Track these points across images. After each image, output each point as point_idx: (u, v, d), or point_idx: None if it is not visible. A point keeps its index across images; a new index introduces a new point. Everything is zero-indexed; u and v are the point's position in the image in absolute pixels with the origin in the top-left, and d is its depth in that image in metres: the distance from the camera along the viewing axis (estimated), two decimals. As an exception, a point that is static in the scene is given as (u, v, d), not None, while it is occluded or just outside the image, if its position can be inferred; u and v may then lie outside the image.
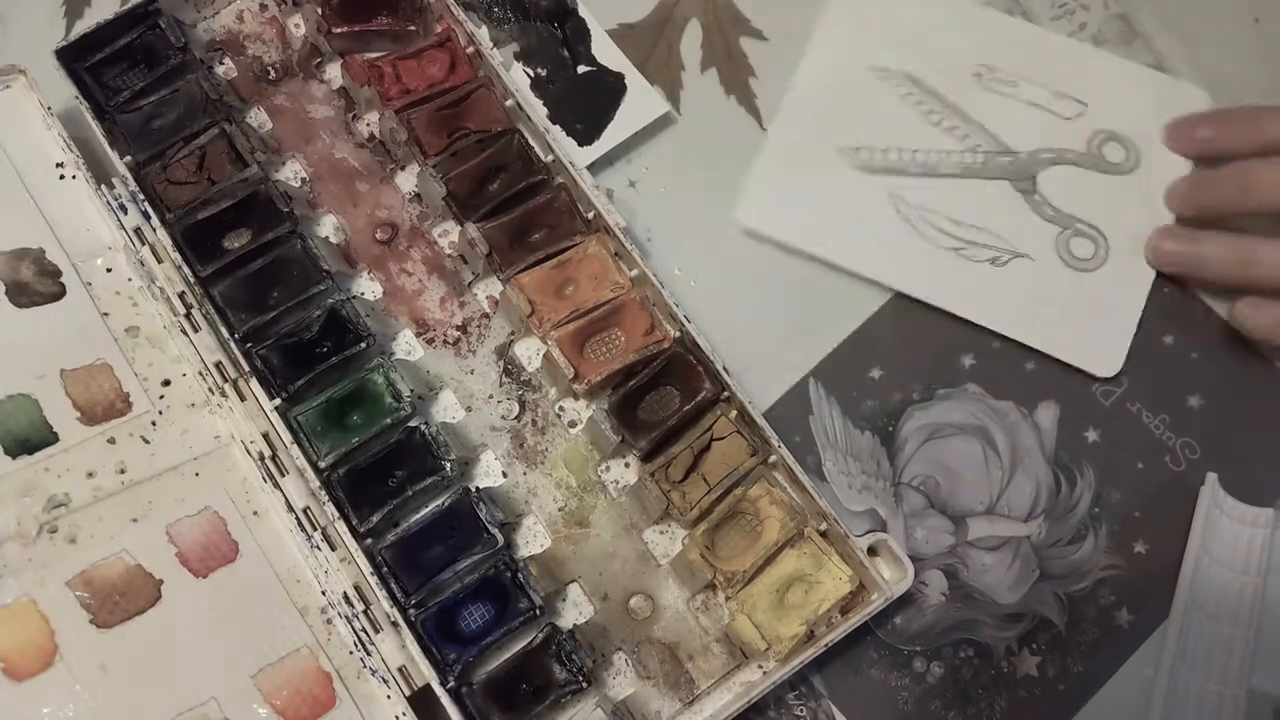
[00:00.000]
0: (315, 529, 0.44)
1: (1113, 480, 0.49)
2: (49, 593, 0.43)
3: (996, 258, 0.51)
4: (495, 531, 0.43)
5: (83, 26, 0.49)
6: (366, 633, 0.43)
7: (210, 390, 0.46)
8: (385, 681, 0.43)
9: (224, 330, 0.45)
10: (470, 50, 0.50)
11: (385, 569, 0.43)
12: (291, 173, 0.51)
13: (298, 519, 0.44)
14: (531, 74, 0.54)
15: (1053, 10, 0.56)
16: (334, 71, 0.52)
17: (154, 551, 0.44)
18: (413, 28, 0.51)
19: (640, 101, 0.53)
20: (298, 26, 0.53)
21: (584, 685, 0.42)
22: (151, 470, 0.45)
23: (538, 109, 0.52)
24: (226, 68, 0.52)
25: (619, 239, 0.47)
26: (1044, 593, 0.48)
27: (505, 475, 0.47)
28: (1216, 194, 0.50)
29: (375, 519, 0.43)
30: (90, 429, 0.45)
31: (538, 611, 0.43)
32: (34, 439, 0.45)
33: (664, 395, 0.47)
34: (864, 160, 0.52)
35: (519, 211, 0.48)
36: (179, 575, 0.44)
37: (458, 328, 0.49)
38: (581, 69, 0.54)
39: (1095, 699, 0.46)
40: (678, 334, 0.46)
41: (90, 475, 0.45)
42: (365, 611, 0.43)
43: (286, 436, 0.44)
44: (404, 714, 0.42)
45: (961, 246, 0.51)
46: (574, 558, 0.46)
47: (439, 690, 0.41)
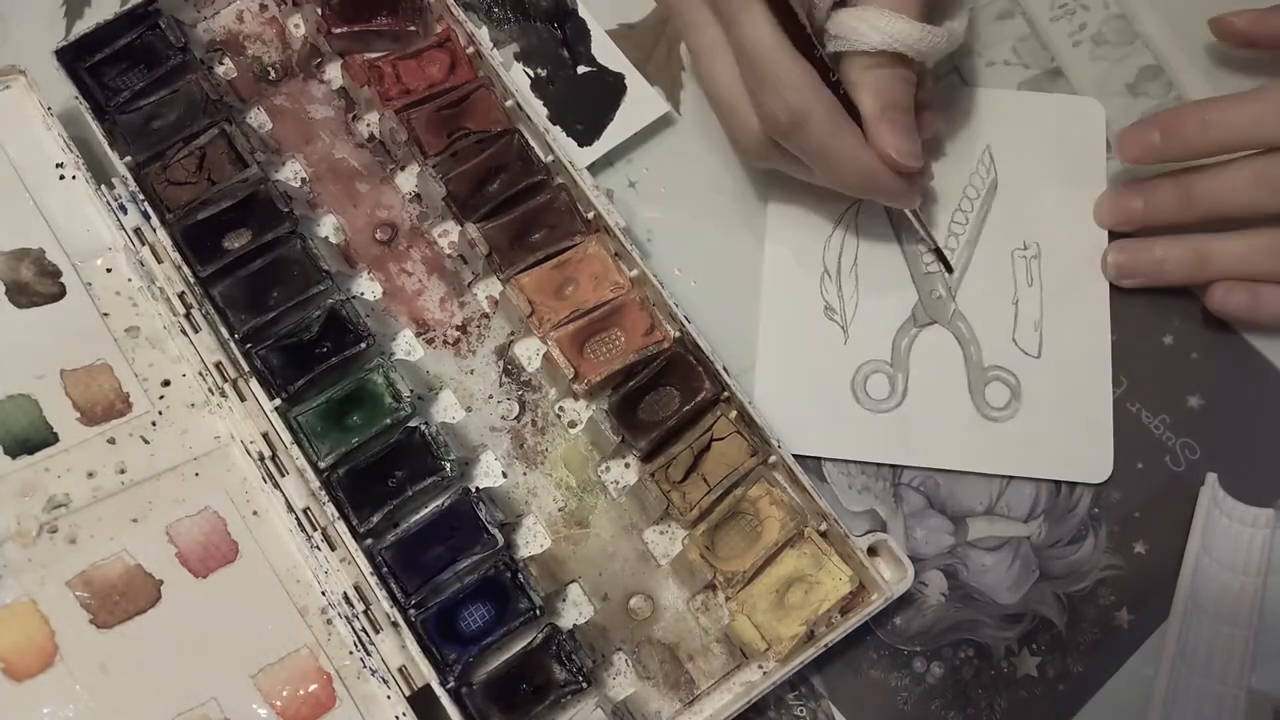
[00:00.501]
0: (315, 529, 0.44)
1: (1113, 480, 0.49)
2: (49, 593, 0.43)
3: None
4: (495, 532, 0.43)
5: (83, 26, 0.49)
6: (366, 633, 0.43)
7: (210, 390, 0.46)
8: (385, 682, 0.43)
9: (224, 330, 0.45)
10: (470, 50, 0.50)
11: (385, 569, 0.43)
12: (291, 173, 0.51)
13: (298, 519, 0.44)
14: (531, 74, 0.54)
15: (1052, 10, 0.56)
16: (334, 71, 0.52)
17: (154, 552, 0.44)
18: (413, 28, 0.51)
19: (640, 101, 0.53)
20: (298, 26, 0.53)
21: (584, 685, 0.42)
22: (151, 470, 0.45)
23: (538, 109, 0.52)
24: (226, 68, 0.52)
25: (619, 239, 0.47)
26: (1044, 593, 0.48)
27: (505, 475, 0.47)
28: (1161, 207, 0.50)
29: (375, 519, 0.43)
30: (90, 429, 0.45)
31: (538, 612, 0.43)
32: (34, 439, 0.45)
33: (664, 395, 0.47)
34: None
35: (519, 212, 0.48)
36: (179, 575, 0.44)
37: (458, 328, 0.49)
38: (581, 69, 0.54)
39: (1095, 699, 0.46)
40: (678, 334, 0.46)
41: (90, 475, 0.45)
42: (365, 612, 0.43)
43: (286, 437, 0.44)
44: (404, 714, 0.42)
45: None
46: (574, 558, 0.46)
47: (439, 690, 0.41)
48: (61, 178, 0.49)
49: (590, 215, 0.48)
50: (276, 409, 0.44)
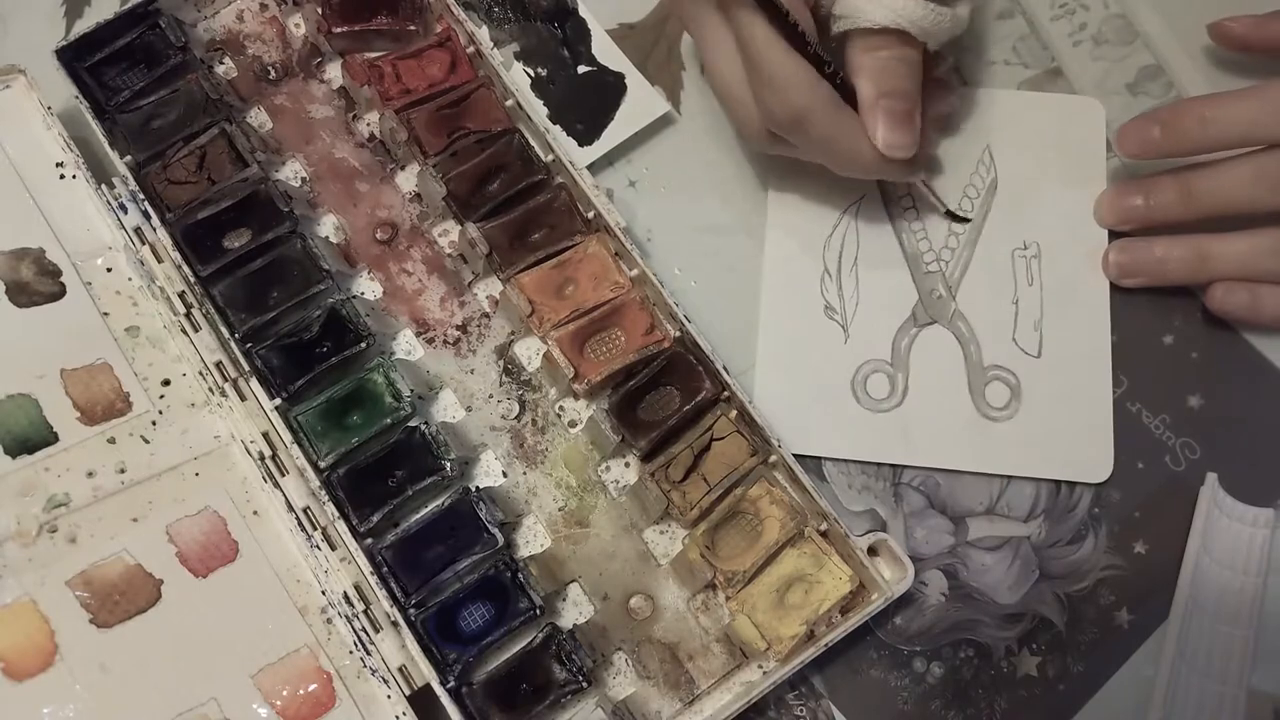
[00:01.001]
0: (315, 529, 0.44)
1: (1113, 480, 0.49)
2: (49, 592, 0.43)
3: None
4: (495, 531, 0.43)
5: (83, 26, 0.49)
6: (366, 632, 0.43)
7: (210, 390, 0.46)
8: (385, 681, 0.43)
9: (224, 330, 0.45)
10: (470, 50, 0.50)
11: (385, 569, 0.43)
12: (291, 173, 0.51)
13: (298, 519, 0.44)
14: (531, 74, 0.54)
15: (1053, 10, 0.56)
16: (334, 71, 0.52)
17: (154, 551, 0.44)
18: (413, 27, 0.51)
19: (640, 101, 0.53)
20: (298, 26, 0.53)
21: (584, 685, 0.42)
22: (151, 470, 0.45)
23: (538, 109, 0.52)
24: (226, 68, 0.52)
25: (619, 239, 0.47)
26: (1044, 593, 0.48)
27: (505, 475, 0.47)
28: (1161, 204, 0.50)
29: (375, 519, 0.43)
30: (90, 429, 0.45)
31: (538, 611, 0.43)
32: (34, 439, 0.45)
33: (664, 395, 0.47)
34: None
35: (519, 211, 0.48)
36: (179, 575, 0.44)
37: (458, 327, 0.49)
38: (581, 69, 0.54)
39: (1095, 699, 0.46)
40: (678, 334, 0.46)
41: (90, 475, 0.45)
42: (365, 611, 0.43)
43: (286, 436, 0.44)
44: (404, 714, 0.42)
45: None
46: (574, 557, 0.46)
47: (439, 690, 0.41)
48: (61, 177, 0.49)
49: (590, 215, 0.48)
50: (277, 408, 0.44)
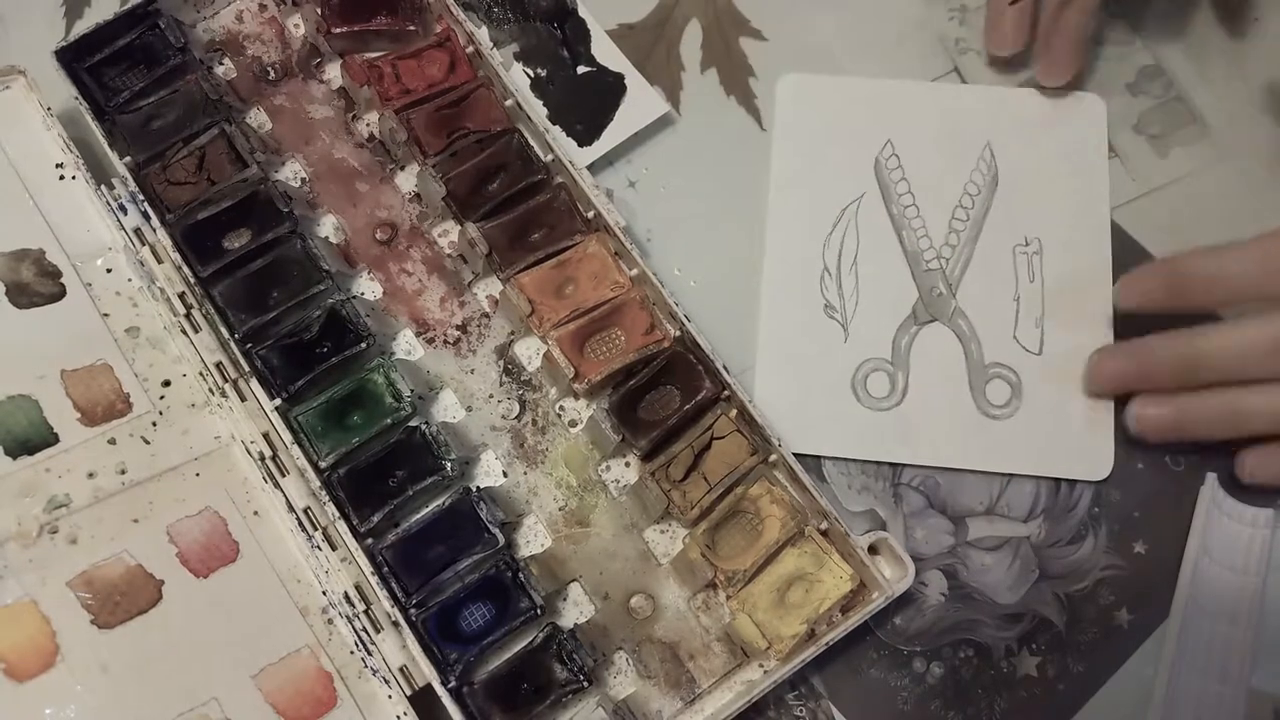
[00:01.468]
0: (316, 529, 0.44)
1: (1113, 480, 0.49)
2: (50, 593, 0.43)
3: None
4: (496, 531, 0.43)
5: (82, 27, 0.49)
6: (367, 632, 0.43)
7: (210, 390, 0.46)
8: (386, 681, 0.43)
9: (224, 330, 0.45)
10: (470, 50, 0.50)
11: (386, 569, 0.43)
12: (291, 173, 0.51)
13: (298, 519, 0.44)
14: (531, 74, 0.54)
15: (1052, 10, 0.56)
16: (334, 71, 0.52)
17: (155, 552, 0.44)
18: (412, 28, 0.51)
19: (640, 101, 0.53)
20: (297, 26, 0.53)
21: (585, 685, 0.42)
22: (152, 471, 0.45)
23: (537, 109, 0.52)
24: (226, 68, 0.52)
25: (619, 238, 0.47)
26: (1044, 593, 0.48)
27: (506, 475, 0.47)
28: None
29: (376, 519, 0.43)
30: (91, 429, 0.45)
31: (538, 611, 0.43)
32: (34, 440, 0.45)
33: (664, 394, 0.47)
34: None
35: (519, 211, 0.48)
36: (180, 575, 0.44)
37: (458, 327, 0.49)
38: (581, 69, 0.54)
39: (1095, 699, 0.46)
40: (678, 333, 0.46)
41: (91, 476, 0.45)
42: (366, 611, 0.43)
43: (287, 436, 0.44)
44: (405, 714, 0.42)
45: None
46: (575, 557, 0.46)
47: (440, 690, 0.41)
48: (61, 178, 0.49)
49: (590, 215, 0.48)
50: (277, 409, 0.44)
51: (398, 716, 0.42)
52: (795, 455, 0.44)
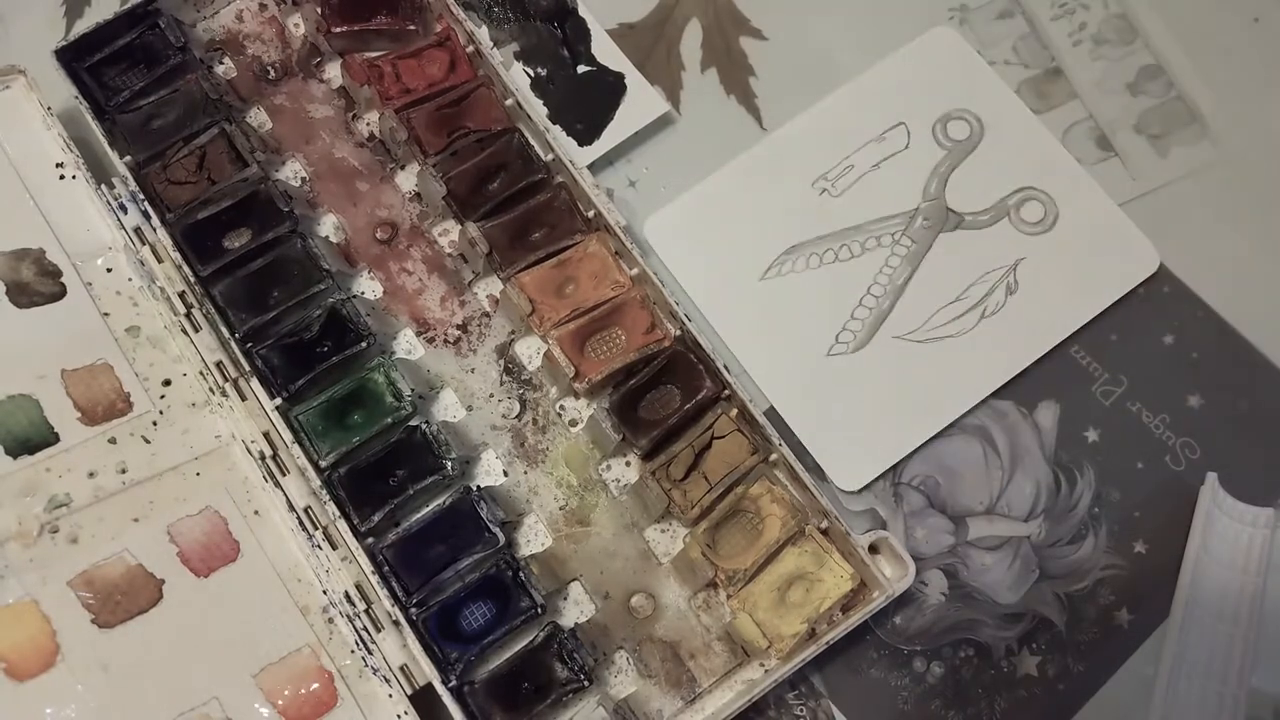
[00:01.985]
0: (316, 528, 0.44)
1: (1113, 480, 0.49)
2: (50, 593, 0.43)
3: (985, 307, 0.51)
4: (496, 530, 0.43)
5: (83, 26, 0.49)
6: (368, 632, 0.43)
7: (211, 390, 0.46)
8: (387, 680, 0.43)
9: (224, 330, 0.45)
10: (470, 50, 0.50)
11: (386, 568, 0.43)
12: (291, 172, 0.51)
13: (299, 518, 0.44)
14: (531, 74, 0.54)
15: (1053, 10, 0.56)
16: (334, 71, 0.52)
17: (155, 551, 0.44)
18: (412, 27, 0.51)
19: (640, 101, 0.53)
20: (297, 26, 0.53)
21: (585, 684, 0.42)
22: (152, 470, 0.45)
23: (538, 108, 0.52)
24: (226, 67, 0.52)
25: (619, 238, 0.47)
26: (1044, 593, 0.48)
27: (506, 474, 0.47)
28: None
29: (376, 518, 0.43)
30: (91, 429, 0.45)
31: (539, 610, 0.43)
32: (35, 439, 0.45)
33: (665, 394, 0.47)
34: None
35: (519, 210, 0.48)
36: (180, 575, 0.44)
37: (458, 327, 0.49)
38: (581, 69, 0.54)
39: (1095, 699, 0.46)
40: (678, 333, 0.46)
41: (91, 475, 0.45)
42: (367, 610, 0.43)
43: (287, 436, 0.44)
44: (406, 713, 0.42)
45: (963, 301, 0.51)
46: (575, 556, 0.46)
47: (441, 689, 0.41)
48: (61, 178, 0.49)
49: (590, 214, 0.48)
50: (277, 408, 0.44)
51: (398, 716, 0.42)
52: (795, 453, 0.44)
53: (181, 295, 0.46)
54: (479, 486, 0.45)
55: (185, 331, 0.46)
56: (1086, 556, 0.48)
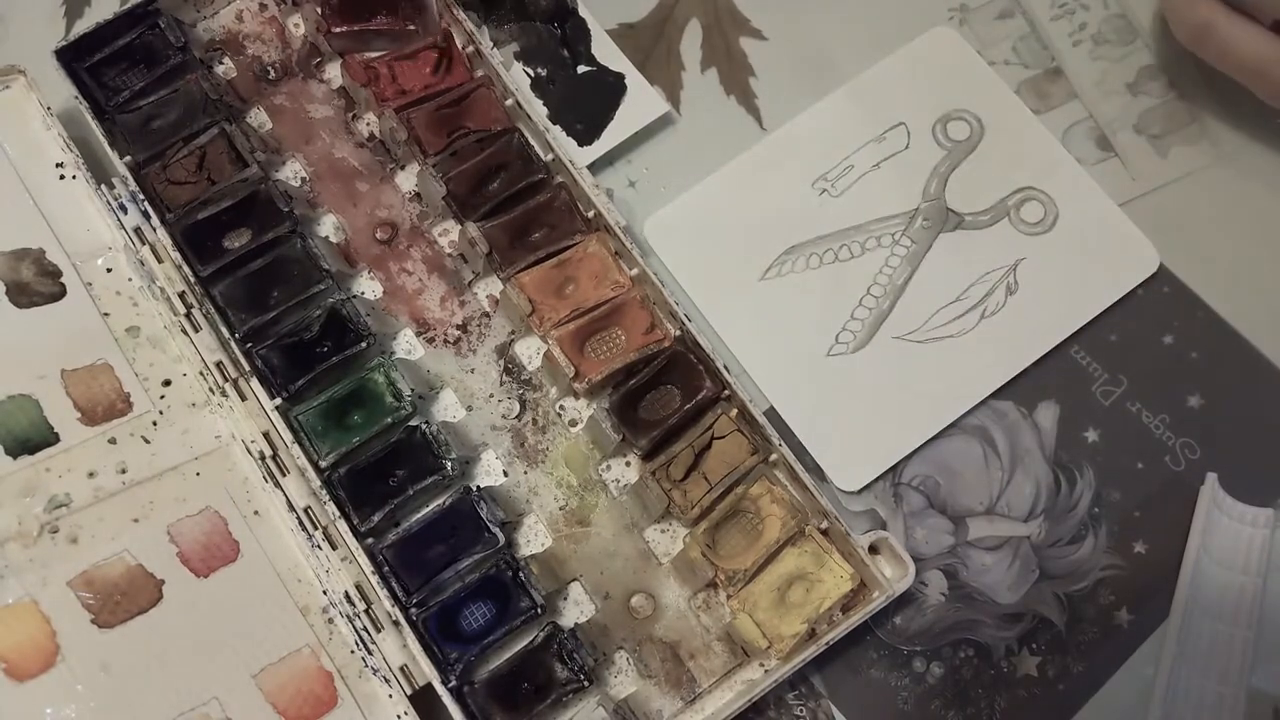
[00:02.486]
0: (316, 528, 0.44)
1: (1113, 480, 0.49)
2: (50, 593, 0.43)
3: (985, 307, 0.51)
4: (496, 530, 0.43)
5: (82, 26, 0.49)
6: (368, 632, 0.43)
7: (211, 390, 0.46)
8: (387, 681, 0.43)
9: (224, 330, 0.45)
10: (470, 50, 0.50)
11: (386, 568, 0.43)
12: (291, 172, 0.51)
13: (299, 518, 0.44)
14: (531, 74, 0.54)
15: (1053, 10, 0.56)
16: (334, 71, 0.52)
17: (155, 551, 0.44)
18: (412, 27, 0.51)
19: (640, 101, 0.53)
20: (297, 26, 0.53)
21: (585, 684, 0.42)
22: (152, 470, 0.45)
23: (538, 108, 0.52)
24: (226, 67, 0.52)
25: (619, 238, 0.47)
26: (1044, 593, 0.48)
27: (506, 474, 0.47)
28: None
29: (376, 518, 0.43)
30: (91, 429, 0.45)
31: (539, 610, 0.43)
32: (35, 439, 0.45)
33: (665, 394, 0.47)
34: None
35: (519, 210, 0.48)
36: (180, 575, 0.44)
37: (458, 327, 0.49)
38: (581, 69, 0.54)
39: (1095, 699, 0.46)
40: (678, 333, 0.46)
41: (91, 475, 0.45)
42: (366, 611, 0.43)
43: (287, 436, 0.44)
44: (405, 713, 0.42)
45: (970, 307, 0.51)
46: (575, 556, 0.46)
47: (440, 689, 0.41)
48: (61, 178, 0.49)
49: (590, 214, 0.48)
50: (277, 408, 0.44)
51: (398, 716, 0.42)
52: (795, 453, 0.44)
53: (181, 295, 0.46)
54: (479, 486, 0.45)
55: (185, 331, 0.46)
56: (1086, 556, 0.48)
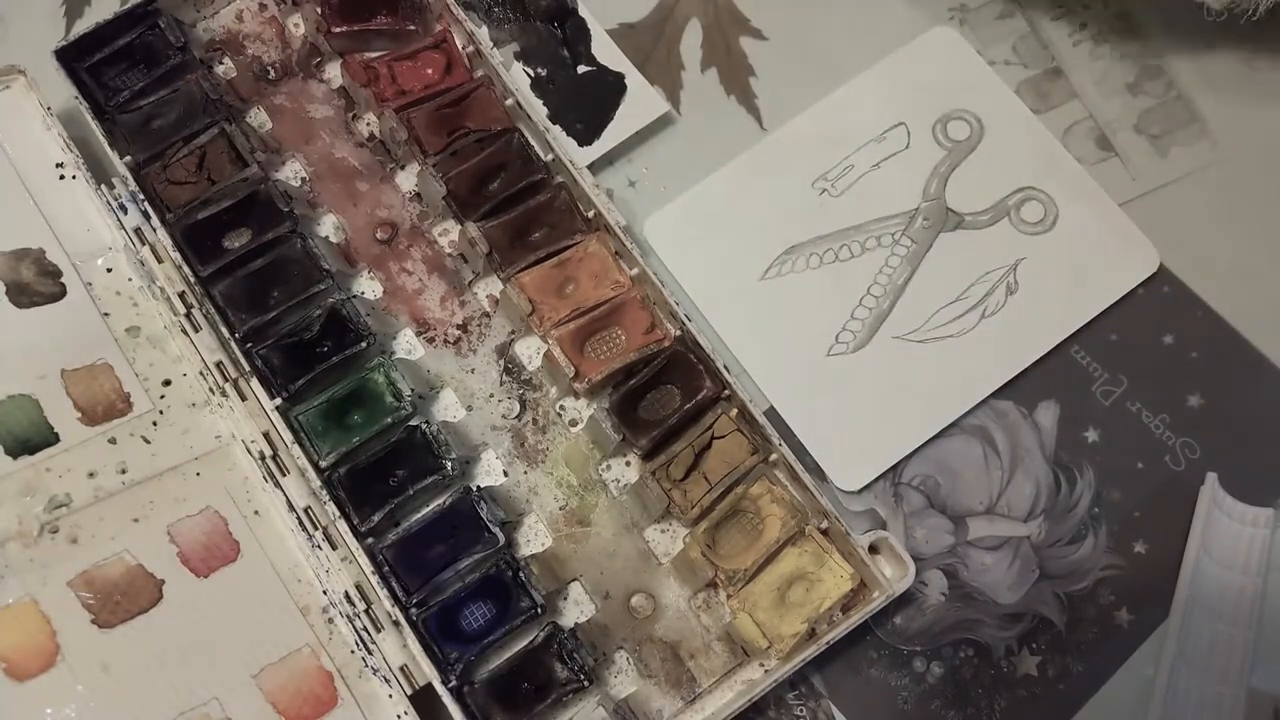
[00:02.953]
0: (316, 528, 0.44)
1: (1113, 480, 0.49)
2: (50, 593, 0.43)
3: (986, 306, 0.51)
4: (496, 530, 0.43)
5: (82, 26, 0.49)
6: (368, 632, 0.43)
7: (211, 390, 0.46)
8: (387, 681, 0.43)
9: (224, 330, 0.45)
10: (470, 50, 0.50)
11: (386, 568, 0.43)
12: (291, 172, 0.51)
13: (299, 518, 0.44)
14: (531, 74, 0.54)
15: (1053, 10, 0.56)
16: (334, 71, 0.52)
17: (155, 551, 0.44)
18: (412, 27, 0.51)
19: (640, 101, 0.53)
20: (297, 26, 0.53)
21: (585, 684, 0.42)
22: (152, 470, 0.45)
23: (538, 108, 0.52)
24: (226, 67, 0.52)
25: (619, 238, 0.47)
26: (1044, 593, 0.48)
27: (506, 474, 0.47)
28: None
29: (376, 518, 0.43)
30: (91, 429, 0.45)
31: (539, 610, 0.43)
32: (35, 439, 0.45)
33: (665, 394, 0.47)
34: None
35: (519, 210, 0.48)
36: (180, 575, 0.44)
37: (458, 327, 0.49)
38: (581, 69, 0.54)
39: (1095, 699, 0.46)
40: (678, 333, 0.46)
41: (91, 475, 0.45)
42: (367, 611, 0.43)
43: (287, 436, 0.44)
44: (406, 713, 0.42)
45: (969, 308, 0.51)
46: (575, 556, 0.46)
47: (441, 689, 0.41)
48: (61, 178, 0.49)
49: (590, 214, 0.48)
50: (277, 408, 0.44)
51: (398, 716, 0.42)
52: (795, 452, 0.44)
53: (181, 295, 0.46)
54: (479, 486, 0.45)
55: (185, 331, 0.46)
56: (1086, 556, 0.48)
